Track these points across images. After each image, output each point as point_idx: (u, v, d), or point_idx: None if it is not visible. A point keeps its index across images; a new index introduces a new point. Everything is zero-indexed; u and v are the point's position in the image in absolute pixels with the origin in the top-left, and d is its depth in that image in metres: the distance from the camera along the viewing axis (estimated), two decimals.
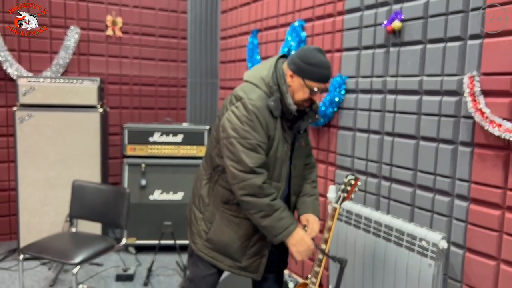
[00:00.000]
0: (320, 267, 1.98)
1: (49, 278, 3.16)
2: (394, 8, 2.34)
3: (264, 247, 1.98)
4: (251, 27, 3.74)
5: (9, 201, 3.84)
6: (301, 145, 2.05)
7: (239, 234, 1.94)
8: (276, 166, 1.90)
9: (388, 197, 2.43)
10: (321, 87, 1.86)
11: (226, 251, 1.96)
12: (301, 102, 1.89)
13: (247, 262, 1.97)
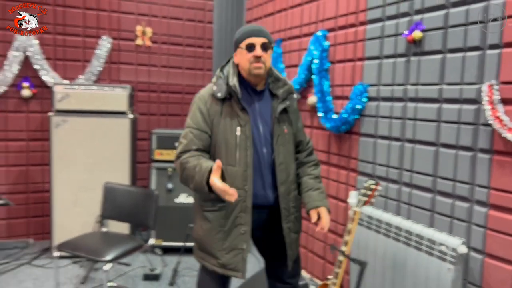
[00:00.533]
0: (340, 269, 2.05)
1: (80, 276, 3.32)
2: (415, 18, 2.41)
3: (241, 241, 1.92)
4: (275, 37, 3.85)
5: (42, 203, 4.03)
6: (282, 131, 2.02)
7: (210, 227, 1.95)
8: (229, 149, 1.91)
9: (409, 203, 2.47)
10: (252, 40, 1.91)
11: (206, 248, 1.99)
12: (251, 70, 1.92)
13: (225, 259, 1.93)
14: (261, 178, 1.96)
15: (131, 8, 4.20)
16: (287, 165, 2.04)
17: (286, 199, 2.02)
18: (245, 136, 1.92)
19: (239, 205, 1.91)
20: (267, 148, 1.98)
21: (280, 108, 2.01)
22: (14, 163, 3.93)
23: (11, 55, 3.78)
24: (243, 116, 1.93)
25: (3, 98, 3.83)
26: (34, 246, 3.89)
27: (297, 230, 2.12)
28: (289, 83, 2.08)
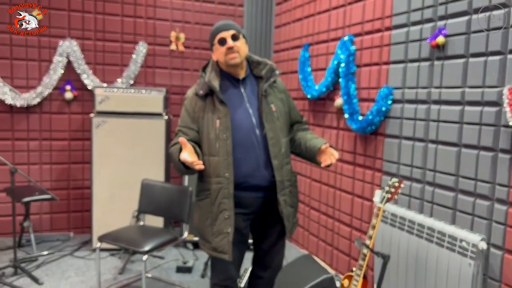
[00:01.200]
0: (364, 261, 2.18)
1: (118, 267, 3.54)
2: (438, 24, 2.51)
3: (225, 225, 2.06)
4: (303, 41, 3.99)
5: (82, 198, 4.29)
6: (270, 109, 2.15)
7: (201, 215, 2.14)
8: (210, 141, 2.07)
9: (432, 201, 2.57)
10: (221, 35, 2.06)
11: (201, 234, 2.17)
12: (227, 61, 2.07)
13: (215, 242, 2.08)
14: (256, 158, 2.10)
15: (166, 15, 4.43)
16: (278, 139, 2.15)
17: (280, 172, 2.13)
18: (224, 127, 2.05)
19: (221, 192, 2.05)
20: (259, 129, 2.11)
21: (265, 87, 2.14)
22: (57, 161, 4.21)
23: (56, 60, 4.05)
24: (222, 109, 2.07)
25: (48, 100, 4.11)
26: (75, 239, 4.15)
27: (292, 205, 2.25)
28: (270, 63, 2.22)
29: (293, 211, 2.26)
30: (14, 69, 4.00)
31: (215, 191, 2.06)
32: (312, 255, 3.83)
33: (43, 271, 3.40)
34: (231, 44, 2.05)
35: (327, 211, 3.64)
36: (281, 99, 2.24)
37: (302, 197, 4.04)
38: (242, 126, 2.09)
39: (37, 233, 4.10)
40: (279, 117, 2.18)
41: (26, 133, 4.08)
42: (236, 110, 2.10)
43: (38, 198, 3.57)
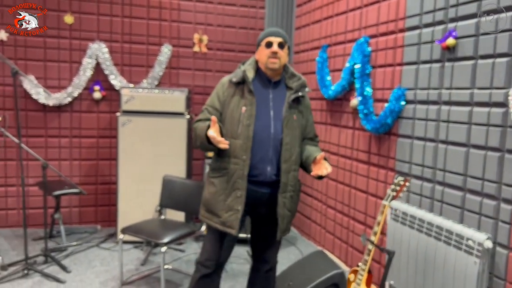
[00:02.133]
0: (369, 256, 2.25)
1: (140, 258, 3.72)
2: (449, 26, 2.55)
3: (236, 203, 2.21)
4: (321, 42, 4.07)
5: (109, 193, 4.52)
6: (292, 117, 2.29)
7: (214, 190, 2.28)
8: (233, 124, 2.22)
9: (441, 200, 2.61)
10: (270, 39, 2.25)
11: (210, 209, 2.29)
12: (268, 63, 2.24)
13: (225, 217, 2.23)
14: (263, 153, 2.23)
15: (190, 18, 4.59)
16: (292, 146, 2.28)
17: (285, 175, 2.26)
18: (249, 114, 2.21)
19: (237, 172, 2.20)
20: (276, 129, 2.25)
21: (293, 97, 2.29)
22: (86, 158, 4.44)
23: (85, 61, 4.28)
24: (250, 98, 2.23)
25: (78, 99, 4.35)
26: (101, 232, 4.37)
27: (290, 209, 2.35)
28: (303, 79, 2.38)
29: (289, 215, 2.36)
30: (47, 70, 4.25)
31: (232, 171, 2.21)
32: (328, 252, 3.92)
33: (71, 260, 3.62)
34: (276, 49, 2.23)
35: (342, 209, 3.71)
36: (302, 113, 2.38)
37: (319, 195, 4.12)
38: (261, 120, 2.24)
39: (67, 225, 4.36)
40: (297, 127, 2.32)
41: (57, 130, 4.33)
42: (260, 105, 2.25)
43: (67, 191, 3.79)
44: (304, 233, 4.50)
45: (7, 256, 3.59)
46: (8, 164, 4.22)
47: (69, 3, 4.22)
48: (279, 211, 2.27)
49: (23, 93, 4.19)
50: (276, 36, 2.26)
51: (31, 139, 4.26)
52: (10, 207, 4.27)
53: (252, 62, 2.35)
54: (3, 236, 4.09)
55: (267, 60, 2.24)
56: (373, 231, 2.25)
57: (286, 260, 3.74)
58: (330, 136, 3.94)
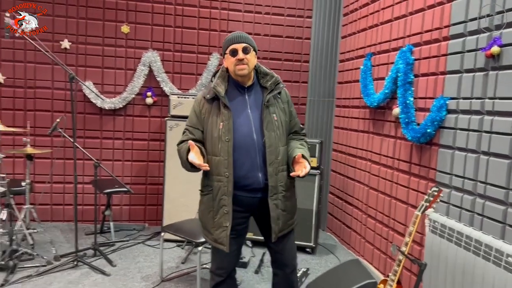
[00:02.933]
0: (399, 267, 2.22)
1: (181, 257, 3.87)
2: (494, 34, 2.47)
3: (224, 219, 2.22)
4: (366, 51, 4.05)
5: (157, 193, 4.74)
6: (272, 119, 2.26)
7: (203, 208, 2.32)
8: (213, 141, 2.22)
9: (482, 214, 2.51)
10: (234, 47, 2.21)
11: (204, 225, 2.34)
12: (236, 71, 2.22)
13: (216, 234, 2.25)
14: (251, 161, 2.24)
15: (238, 28, 4.73)
16: (276, 147, 2.26)
17: (273, 178, 2.25)
18: (226, 129, 2.20)
19: (221, 189, 2.21)
20: (257, 134, 2.25)
21: (268, 97, 2.27)
22: (137, 159, 4.70)
23: (139, 69, 4.55)
24: (226, 113, 2.22)
25: (131, 104, 4.62)
26: (148, 230, 4.59)
27: (285, 208, 2.33)
28: (276, 76, 2.35)
29: (284, 214, 2.34)
30: (105, 76, 4.56)
31: (216, 188, 2.23)
32: (367, 262, 3.86)
33: (118, 255, 3.84)
34: (241, 56, 2.21)
35: (382, 219, 3.65)
36: (283, 109, 2.36)
37: (360, 204, 4.08)
38: (242, 131, 2.24)
39: (117, 222, 4.62)
40: (279, 127, 2.30)
41: (112, 133, 4.63)
42: (239, 115, 2.26)
43: (116, 190, 4.03)
44: (344, 241, 4.45)
45: (61, 248, 3.87)
46: (66, 163, 4.55)
47: (125, 14, 4.52)
48: (271, 214, 2.26)
49: (83, 97, 4.52)
50: (239, 43, 2.23)
51: (88, 140, 4.57)
52: (67, 202, 4.60)
53: (222, 73, 2.33)
54: (60, 229, 4.41)
55: (235, 68, 2.23)
56: (404, 242, 2.22)
57: (324, 267, 3.73)
58: (372, 145, 3.89)
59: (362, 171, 4.06)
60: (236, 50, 2.22)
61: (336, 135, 4.77)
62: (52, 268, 3.40)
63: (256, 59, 2.34)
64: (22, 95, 4.43)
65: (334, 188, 4.75)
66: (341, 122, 4.61)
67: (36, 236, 3.98)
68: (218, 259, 2.39)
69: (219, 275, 2.38)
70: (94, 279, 3.31)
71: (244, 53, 2.22)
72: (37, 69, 4.44)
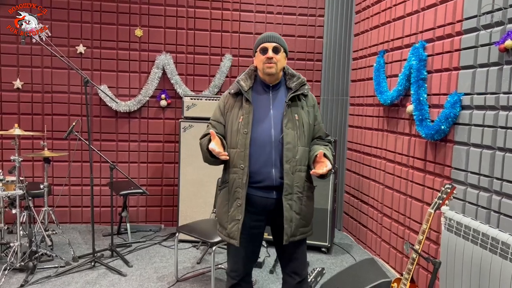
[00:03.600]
0: (413, 265, 2.19)
1: (197, 257, 3.90)
2: (508, 27, 2.42)
3: (237, 212, 2.21)
4: (379, 48, 4.01)
5: (173, 195, 4.78)
6: (293, 117, 2.25)
7: (219, 202, 2.33)
8: (232, 134, 2.25)
9: (498, 211, 2.46)
10: (265, 45, 2.24)
11: (220, 221, 2.33)
12: (264, 69, 2.24)
13: (229, 228, 2.25)
14: (266, 157, 2.21)
15: (250, 28, 4.75)
16: (294, 145, 2.23)
17: (290, 176, 2.20)
18: (246, 122, 2.22)
19: (236, 181, 2.21)
20: (276, 131, 2.23)
21: (290, 96, 2.27)
22: (153, 161, 4.75)
23: (153, 72, 4.60)
24: (247, 107, 2.24)
25: (145, 106, 4.67)
26: (165, 231, 4.64)
27: (300, 212, 2.25)
28: (302, 78, 2.35)
29: (298, 218, 2.25)
30: (119, 80, 4.63)
31: (232, 180, 2.23)
32: (384, 261, 3.82)
33: (134, 256, 3.89)
34: (270, 55, 2.23)
35: (398, 218, 3.60)
36: (307, 112, 2.34)
37: (376, 203, 4.04)
38: (261, 125, 2.24)
39: (134, 223, 4.68)
40: (300, 126, 2.27)
41: (127, 135, 4.69)
42: (259, 110, 2.26)
43: (132, 191, 4.09)
44: (360, 241, 4.42)
45: (79, 249, 3.94)
46: (84, 166, 4.64)
47: (139, 18, 4.58)
48: (285, 214, 2.19)
49: (98, 100, 4.60)
50: (271, 42, 2.25)
51: (104, 143, 4.65)
52: (84, 204, 4.68)
53: (250, 70, 2.37)
54: (78, 231, 4.49)
55: (263, 66, 2.25)
56: (418, 240, 2.19)
57: (339, 267, 3.71)
58: (386, 143, 3.85)
59: (377, 169, 4.02)
60: (267, 48, 2.25)
61: (350, 134, 4.73)
62: (71, 269, 3.46)
63: (286, 60, 2.35)
64: (40, 100, 4.53)
65: (350, 187, 4.72)
66: (355, 121, 4.57)
67: (55, 238, 4.06)
68: (232, 261, 2.38)
69: (233, 277, 2.37)
70: (110, 280, 3.36)
71: (274, 53, 2.25)
72: (54, 74, 4.53)
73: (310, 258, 3.93)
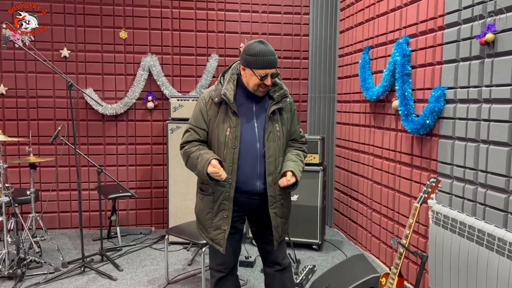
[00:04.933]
0: (400, 260, 2.20)
1: (188, 258, 3.89)
2: (488, 21, 2.44)
3: (223, 223, 2.22)
4: (364, 44, 4.02)
5: (163, 197, 4.76)
6: (274, 129, 2.25)
7: (202, 207, 2.29)
8: (219, 147, 2.19)
9: (484, 203, 2.48)
10: (267, 72, 2.13)
11: (200, 223, 2.33)
12: (256, 88, 2.18)
13: (213, 234, 2.25)
14: (252, 170, 2.23)
15: (235, 28, 4.74)
16: (276, 158, 2.25)
17: (272, 188, 2.24)
18: (234, 136, 2.17)
19: (223, 194, 2.20)
20: (260, 143, 2.23)
21: (272, 109, 2.25)
22: (141, 163, 4.73)
23: (139, 74, 4.57)
24: (234, 119, 2.19)
25: (132, 109, 4.64)
26: (155, 233, 4.62)
27: (283, 215, 2.33)
28: (285, 88, 2.32)
29: (282, 221, 2.33)
30: (105, 83, 4.59)
31: (218, 192, 2.21)
32: (374, 257, 3.84)
33: (124, 259, 3.86)
34: (269, 83, 2.18)
35: (387, 213, 3.62)
36: (286, 119, 2.34)
37: (365, 199, 4.05)
38: (247, 139, 2.22)
39: (124, 227, 4.65)
40: (281, 137, 2.29)
41: (115, 138, 4.66)
42: (245, 123, 2.23)
43: (120, 195, 4.06)
44: (350, 237, 4.43)
45: (69, 255, 3.91)
46: (71, 170, 4.60)
47: (123, 20, 4.55)
48: (272, 223, 2.25)
49: (85, 104, 4.56)
50: (271, 68, 2.15)
51: (91, 146, 4.61)
52: (73, 209, 4.64)
53: (233, 75, 2.27)
54: (68, 236, 4.45)
55: (257, 88, 2.19)
56: (405, 234, 2.20)
57: (330, 264, 3.72)
58: (373, 138, 3.87)
59: (366, 165, 4.04)
60: (267, 75, 2.15)
61: (338, 131, 4.74)
62: (60, 275, 3.43)
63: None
64: (25, 105, 4.48)
65: (339, 184, 4.73)
66: (343, 118, 4.59)
67: (44, 244, 4.02)
68: (217, 256, 2.38)
69: (220, 271, 2.38)
70: (101, 284, 3.33)
71: (272, 78, 2.19)
72: (38, 78, 4.48)
73: (301, 255, 3.94)
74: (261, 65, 2.13)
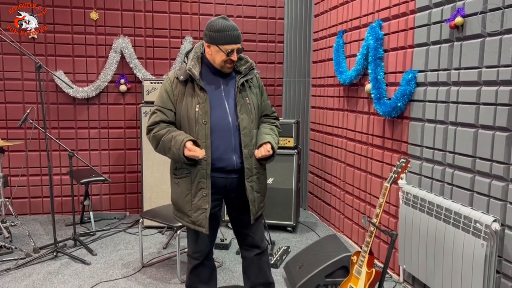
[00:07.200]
0: (371, 238, 2.26)
1: (163, 242, 3.88)
2: (458, 4, 2.48)
3: (203, 202, 2.20)
4: (338, 28, 4.04)
5: (137, 181, 4.71)
6: (245, 102, 2.27)
7: (180, 191, 2.26)
8: (189, 124, 2.18)
9: (451, 183, 2.57)
10: (233, 47, 2.15)
11: (180, 208, 2.29)
12: (223, 64, 2.19)
13: (194, 217, 2.22)
14: (227, 144, 2.22)
15: (210, 10, 4.68)
16: (250, 130, 2.27)
17: (249, 160, 2.25)
18: (203, 112, 2.16)
19: (200, 172, 2.18)
20: (232, 117, 2.23)
21: (241, 82, 2.27)
22: (114, 147, 4.65)
23: (111, 56, 4.47)
24: (202, 95, 2.18)
25: (105, 92, 4.55)
26: (130, 218, 4.58)
27: (259, 190, 2.34)
28: (251, 61, 2.33)
29: (259, 196, 2.34)
30: (76, 65, 4.47)
31: (194, 171, 2.19)
32: (347, 237, 3.92)
33: (98, 244, 3.83)
34: (235, 58, 2.19)
35: (359, 195, 3.70)
36: (255, 94, 2.36)
37: (338, 181, 4.12)
38: (217, 113, 2.21)
39: (98, 211, 4.59)
40: (252, 110, 2.30)
41: (86, 122, 4.56)
42: (214, 97, 2.22)
43: (93, 179, 4.00)
44: (324, 219, 4.51)
45: (41, 240, 3.84)
46: (42, 155, 4.49)
47: (94, 1, 4.41)
48: (249, 196, 2.26)
49: (55, 87, 4.44)
50: (237, 43, 2.17)
51: (63, 130, 4.51)
52: (45, 195, 4.55)
53: (196, 53, 2.26)
54: (39, 222, 4.37)
55: (224, 64, 2.20)
56: (375, 213, 2.26)
57: (304, 245, 3.78)
58: (347, 122, 3.92)
59: (339, 148, 4.10)
60: (233, 50, 2.16)
61: (313, 115, 4.78)
62: (31, 260, 3.37)
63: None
64: None
65: (313, 167, 4.79)
66: (318, 102, 4.62)
67: (14, 230, 3.94)
68: (194, 243, 2.38)
69: (196, 258, 2.38)
70: (74, 269, 3.30)
71: (238, 53, 2.19)
72: (5, 60, 4.33)
73: (276, 237, 3.99)
74: (227, 40, 2.14)
